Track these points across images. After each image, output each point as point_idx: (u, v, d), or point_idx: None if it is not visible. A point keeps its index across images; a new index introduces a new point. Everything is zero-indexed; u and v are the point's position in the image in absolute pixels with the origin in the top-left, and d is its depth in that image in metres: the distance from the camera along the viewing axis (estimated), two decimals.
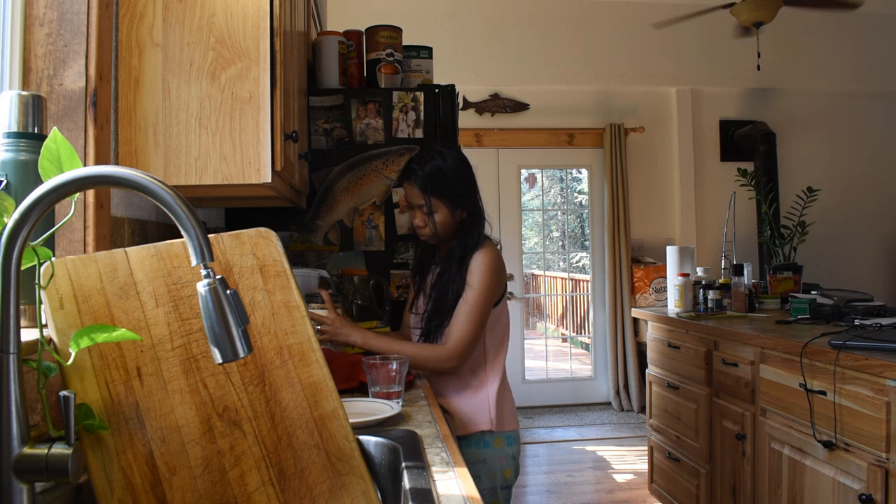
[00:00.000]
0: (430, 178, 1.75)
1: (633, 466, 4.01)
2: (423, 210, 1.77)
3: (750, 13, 4.13)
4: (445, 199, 1.77)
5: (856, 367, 1.86)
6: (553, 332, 8.20)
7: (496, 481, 1.79)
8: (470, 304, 1.72)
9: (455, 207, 1.78)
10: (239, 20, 1.30)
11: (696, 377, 2.81)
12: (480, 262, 1.75)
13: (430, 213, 1.77)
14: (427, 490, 0.89)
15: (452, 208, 1.78)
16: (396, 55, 2.32)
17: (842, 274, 5.28)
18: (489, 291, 1.74)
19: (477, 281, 1.73)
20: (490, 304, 1.76)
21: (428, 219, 1.78)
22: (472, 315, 1.72)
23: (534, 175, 5.96)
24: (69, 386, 0.85)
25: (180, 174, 1.29)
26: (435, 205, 1.76)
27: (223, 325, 0.73)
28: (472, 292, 1.73)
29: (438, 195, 1.76)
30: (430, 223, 1.78)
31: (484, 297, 1.73)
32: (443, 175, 1.76)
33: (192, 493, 0.85)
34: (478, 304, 1.72)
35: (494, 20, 5.25)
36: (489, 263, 1.75)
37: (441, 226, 1.78)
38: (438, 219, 1.77)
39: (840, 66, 5.57)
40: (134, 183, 0.72)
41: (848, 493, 1.88)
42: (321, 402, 0.93)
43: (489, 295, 1.74)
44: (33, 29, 1.16)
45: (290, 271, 0.99)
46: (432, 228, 1.78)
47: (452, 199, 1.77)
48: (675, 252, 3.28)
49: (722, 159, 5.52)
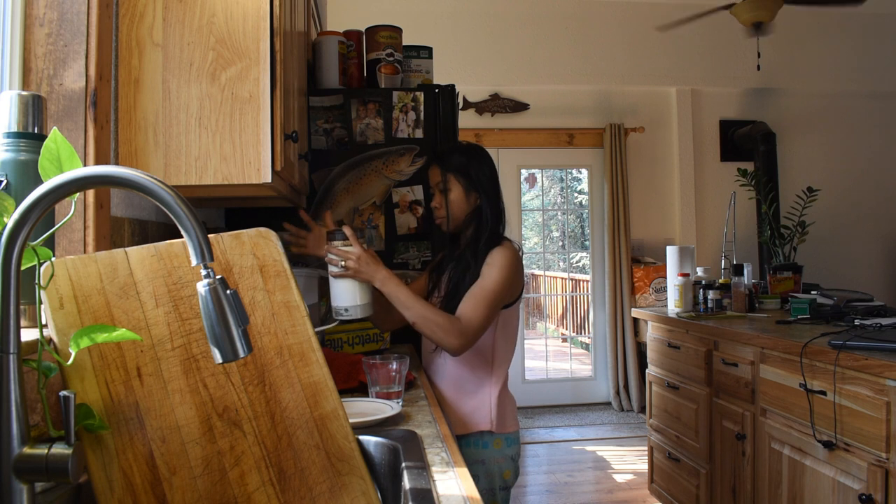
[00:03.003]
0: (449, 156, 1.84)
1: (633, 466, 4.01)
2: (440, 188, 1.82)
3: (750, 13, 4.13)
4: (461, 178, 1.81)
5: (856, 367, 1.86)
6: (553, 332, 8.20)
7: (495, 482, 1.78)
8: (485, 290, 1.70)
9: (469, 189, 1.81)
10: (239, 20, 1.30)
11: (696, 377, 2.81)
12: (500, 256, 1.75)
13: (444, 191, 1.81)
14: (427, 490, 0.89)
15: (467, 189, 1.81)
16: (396, 55, 2.32)
17: (842, 274, 5.28)
18: (504, 285, 1.73)
19: (495, 272, 1.73)
20: (502, 297, 1.74)
21: (442, 198, 1.82)
22: (485, 301, 1.69)
23: (534, 175, 5.96)
24: (69, 386, 0.85)
25: (180, 174, 1.29)
26: (450, 181, 1.81)
27: (223, 325, 0.73)
28: (488, 281, 1.72)
29: (454, 171, 1.81)
30: (443, 203, 1.82)
31: (499, 289, 1.72)
32: (462, 158, 1.82)
33: (192, 493, 0.85)
34: (492, 292, 1.70)
35: (494, 20, 5.25)
36: (508, 259, 1.75)
37: (454, 205, 1.81)
38: (452, 197, 1.81)
39: (840, 66, 5.57)
40: (134, 183, 0.72)
41: (848, 493, 1.88)
42: (321, 402, 0.93)
43: (503, 289, 1.73)
44: (33, 29, 1.16)
45: (290, 271, 0.99)
46: (444, 209, 1.82)
47: (468, 179, 1.81)
48: (675, 252, 3.28)
49: (722, 159, 5.52)
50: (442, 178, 1.82)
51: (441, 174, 1.82)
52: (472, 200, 1.82)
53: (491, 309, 1.70)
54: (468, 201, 1.81)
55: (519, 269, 1.80)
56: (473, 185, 1.81)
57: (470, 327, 1.66)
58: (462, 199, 1.81)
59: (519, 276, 1.80)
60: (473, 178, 1.81)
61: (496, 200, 1.84)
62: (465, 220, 1.81)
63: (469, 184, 1.81)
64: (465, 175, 1.81)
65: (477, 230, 1.80)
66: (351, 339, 1.98)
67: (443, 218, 1.84)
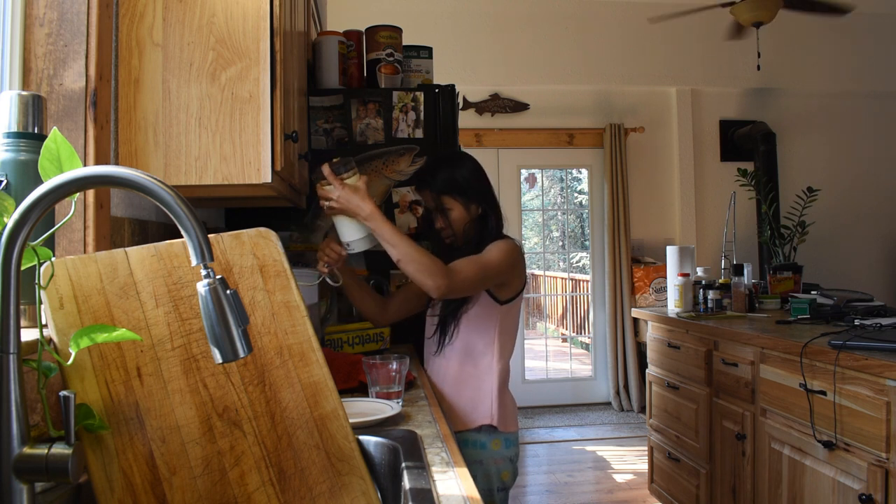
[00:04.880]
0: (434, 177, 1.81)
1: (633, 466, 4.01)
2: (440, 211, 1.81)
3: (750, 13, 4.13)
4: (458, 197, 1.80)
5: (856, 367, 1.86)
6: (553, 332, 8.20)
7: (493, 483, 1.78)
8: (480, 258, 1.72)
9: (469, 203, 1.81)
10: (239, 20, 1.29)
11: (696, 377, 2.81)
12: (500, 243, 1.77)
13: (444, 213, 1.81)
14: (427, 490, 0.89)
15: (466, 204, 1.81)
16: (396, 55, 2.32)
17: (842, 274, 5.28)
18: (500, 263, 1.74)
19: (494, 250, 1.74)
20: (494, 273, 1.74)
21: (444, 219, 1.82)
22: (478, 264, 1.70)
23: (534, 175, 5.96)
24: (69, 386, 0.85)
25: (180, 174, 1.29)
26: (448, 203, 1.80)
27: (223, 325, 0.73)
28: (485, 254, 1.73)
29: (449, 193, 1.80)
30: (447, 223, 1.82)
31: (493, 264, 1.72)
32: (450, 173, 1.80)
33: (192, 493, 0.85)
34: (487, 262, 1.71)
35: (494, 20, 5.25)
36: (508, 245, 1.77)
37: (458, 223, 1.81)
38: (454, 216, 1.81)
39: (840, 66, 5.57)
40: (134, 183, 0.72)
41: (848, 493, 1.88)
42: (321, 402, 0.93)
43: (497, 265, 1.73)
44: (33, 29, 1.16)
45: (290, 271, 0.99)
46: (450, 228, 1.82)
47: (465, 195, 1.80)
48: (675, 252, 3.28)
49: (722, 159, 5.52)
50: (437, 202, 1.81)
51: (434, 198, 1.81)
52: (473, 211, 1.82)
53: (481, 272, 1.70)
54: (470, 213, 1.82)
55: (519, 261, 1.81)
56: (470, 197, 1.81)
57: (457, 275, 1.64)
58: (464, 214, 1.81)
59: (519, 269, 1.81)
60: (466, 189, 1.80)
61: (494, 201, 1.85)
62: (470, 230, 1.83)
63: (466, 199, 1.81)
64: (459, 191, 1.80)
65: (480, 238, 1.81)
66: (351, 339, 1.98)
67: (451, 237, 1.84)
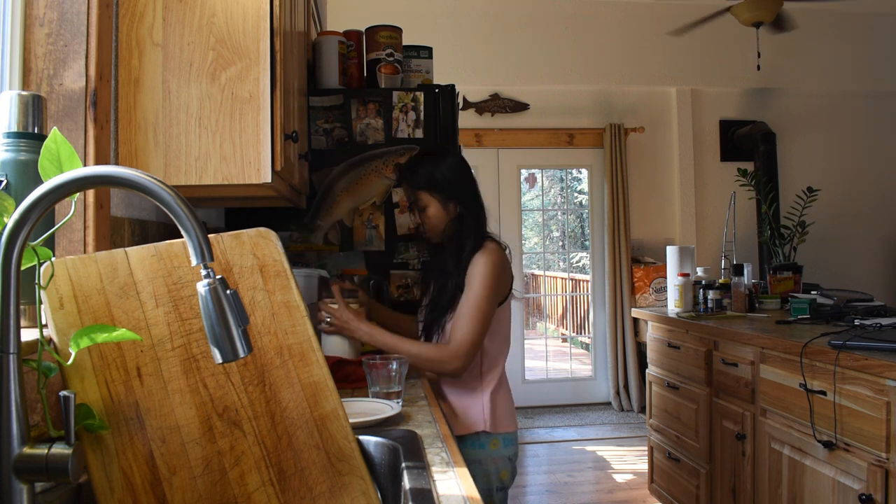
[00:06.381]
0: (417, 174, 1.80)
1: (633, 466, 4.01)
2: (418, 206, 1.80)
3: (750, 13, 4.13)
4: (435, 193, 1.78)
5: (856, 367, 1.86)
6: (553, 332, 8.20)
7: (492, 482, 1.78)
8: (471, 306, 1.71)
9: (447, 201, 1.79)
10: (239, 20, 1.29)
11: (696, 377, 2.81)
12: (481, 264, 1.73)
13: (421, 209, 1.80)
14: (427, 490, 0.89)
15: (444, 201, 1.79)
16: (396, 55, 2.32)
17: (842, 274, 5.28)
18: (489, 291, 1.72)
19: (477, 282, 1.72)
20: (492, 304, 1.74)
21: (420, 216, 1.81)
22: (475, 316, 1.70)
23: (534, 175, 5.96)
24: (69, 386, 0.85)
25: (180, 174, 1.29)
26: (425, 199, 1.79)
27: (223, 325, 0.73)
28: (472, 294, 1.72)
29: (426, 189, 1.79)
30: (423, 220, 1.81)
31: (485, 298, 1.71)
32: (429, 170, 1.79)
33: (192, 493, 0.85)
34: (479, 306, 1.71)
35: (494, 20, 5.25)
36: (489, 264, 1.73)
37: (434, 220, 1.80)
38: (430, 213, 1.79)
39: (840, 66, 5.57)
40: (134, 183, 0.72)
41: (848, 493, 1.88)
42: (321, 402, 0.93)
43: (489, 295, 1.72)
44: (33, 29, 1.16)
45: (290, 271, 0.99)
46: (425, 224, 1.81)
47: (443, 192, 1.78)
48: (675, 252, 3.28)
49: (722, 159, 5.52)
50: (413, 198, 1.81)
51: (412, 193, 1.81)
52: (451, 210, 1.80)
53: (481, 321, 1.71)
54: (448, 211, 1.79)
55: (504, 269, 1.78)
56: (448, 195, 1.78)
57: (462, 347, 1.68)
58: (441, 213, 1.79)
59: (504, 277, 1.78)
60: (444, 186, 1.78)
61: (474, 201, 1.81)
62: (449, 229, 1.80)
63: (444, 196, 1.78)
64: (437, 188, 1.78)
65: (459, 239, 1.78)
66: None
67: (428, 234, 1.84)
